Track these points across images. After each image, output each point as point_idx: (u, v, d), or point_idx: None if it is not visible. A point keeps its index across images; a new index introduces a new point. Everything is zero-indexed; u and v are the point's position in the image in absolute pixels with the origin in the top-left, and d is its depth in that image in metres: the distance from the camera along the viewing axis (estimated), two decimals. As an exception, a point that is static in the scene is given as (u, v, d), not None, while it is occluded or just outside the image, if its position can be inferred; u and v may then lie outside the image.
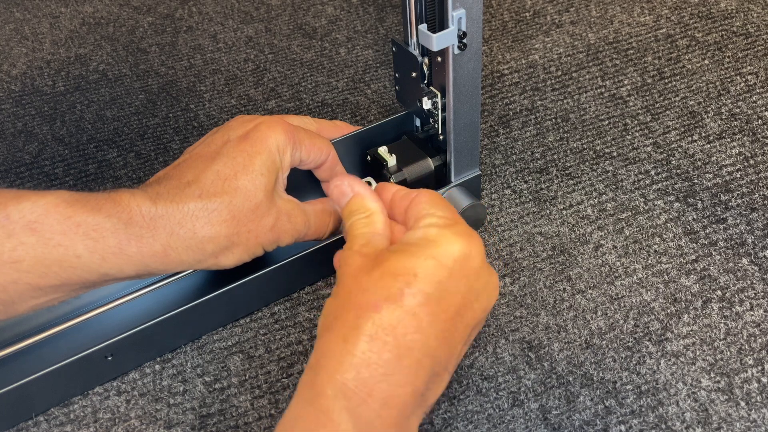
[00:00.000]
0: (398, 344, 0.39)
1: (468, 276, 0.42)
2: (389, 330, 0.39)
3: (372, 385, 0.38)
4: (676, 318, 0.53)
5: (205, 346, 0.54)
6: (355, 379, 0.38)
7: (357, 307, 0.40)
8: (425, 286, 0.40)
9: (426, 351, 0.40)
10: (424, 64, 0.56)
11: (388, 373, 0.38)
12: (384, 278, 0.40)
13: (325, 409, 0.37)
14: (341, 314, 0.40)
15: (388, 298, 0.40)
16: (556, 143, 0.68)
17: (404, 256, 0.41)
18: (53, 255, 0.42)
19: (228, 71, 0.81)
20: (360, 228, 0.46)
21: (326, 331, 0.40)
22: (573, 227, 0.60)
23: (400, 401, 0.39)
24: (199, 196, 0.45)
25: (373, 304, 0.39)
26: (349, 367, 0.38)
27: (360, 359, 0.38)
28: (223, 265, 0.48)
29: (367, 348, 0.38)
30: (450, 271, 0.41)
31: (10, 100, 0.79)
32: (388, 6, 0.89)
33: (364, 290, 0.40)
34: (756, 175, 0.63)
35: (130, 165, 0.70)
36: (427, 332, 0.40)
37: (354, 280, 0.41)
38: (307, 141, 0.51)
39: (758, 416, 0.47)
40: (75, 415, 0.50)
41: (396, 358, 0.39)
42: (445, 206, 0.45)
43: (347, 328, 0.39)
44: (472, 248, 0.42)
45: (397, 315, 0.39)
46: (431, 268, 0.41)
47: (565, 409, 0.48)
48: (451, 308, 0.41)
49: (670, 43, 0.79)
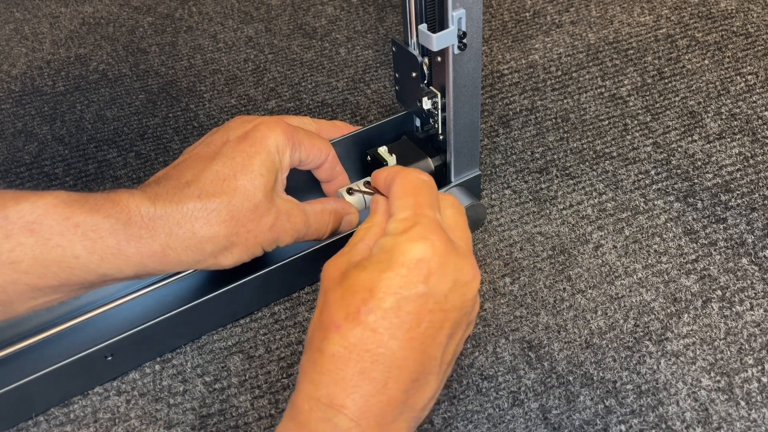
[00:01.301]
0: (361, 359, 0.39)
1: (427, 279, 0.41)
2: (351, 348, 0.40)
3: (343, 398, 0.39)
4: (676, 318, 0.53)
5: (205, 346, 0.54)
6: (327, 395, 0.39)
7: (322, 327, 0.41)
8: (380, 301, 0.40)
9: (393, 362, 0.40)
10: (424, 64, 0.56)
11: (356, 386, 0.39)
12: (345, 296, 0.41)
13: (304, 422, 0.39)
14: (313, 333, 0.41)
15: (347, 316, 0.40)
16: (556, 143, 0.68)
17: (362, 272, 0.41)
18: (52, 255, 0.42)
19: (228, 71, 0.81)
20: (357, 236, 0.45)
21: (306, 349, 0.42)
22: (573, 227, 0.60)
23: (376, 410, 0.39)
24: (198, 196, 0.45)
25: (336, 323, 0.40)
26: (319, 385, 0.39)
27: (328, 378, 0.39)
28: (223, 265, 0.48)
29: (333, 367, 0.39)
30: (405, 279, 0.40)
31: (10, 100, 0.79)
32: (388, 6, 0.89)
33: (329, 308, 0.41)
34: (756, 175, 0.63)
35: (130, 165, 0.70)
36: (389, 344, 0.40)
37: (323, 297, 0.42)
38: (307, 141, 0.51)
39: (758, 416, 0.47)
40: (75, 415, 0.50)
41: (360, 372, 0.39)
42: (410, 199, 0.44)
43: (315, 349, 0.41)
44: (426, 250, 0.41)
45: (357, 333, 0.40)
46: (386, 280, 0.40)
47: (565, 408, 0.48)
48: (411, 316, 0.40)
49: (670, 43, 0.79)
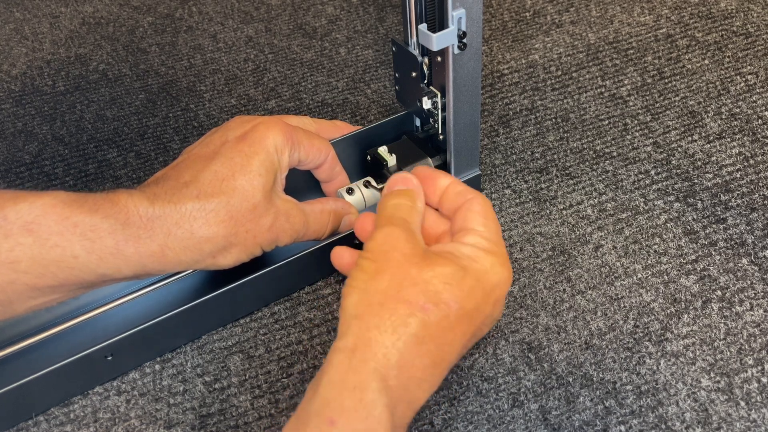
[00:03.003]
0: (437, 353, 0.40)
1: (494, 303, 0.43)
2: (433, 337, 0.40)
3: (408, 386, 0.39)
4: (676, 318, 0.53)
5: (205, 346, 0.54)
6: (397, 377, 0.38)
7: (407, 302, 0.40)
8: (467, 303, 0.41)
9: (449, 362, 0.41)
10: (424, 64, 0.56)
11: (422, 379, 0.39)
12: (434, 282, 0.41)
13: (368, 402, 0.37)
14: (388, 303, 0.40)
15: (438, 304, 0.40)
16: (556, 143, 0.68)
17: (455, 269, 0.42)
18: (50, 255, 0.42)
19: (228, 71, 0.81)
20: (405, 213, 0.45)
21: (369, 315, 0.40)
22: (573, 227, 0.60)
23: (418, 405, 0.40)
24: (196, 196, 0.45)
25: (422, 304, 0.40)
26: (395, 365, 0.38)
27: (406, 360, 0.39)
28: (221, 265, 0.48)
29: (413, 349, 0.39)
30: (486, 296, 0.43)
31: (10, 100, 0.79)
32: (388, 6, 0.89)
33: (414, 284, 0.41)
34: (756, 175, 0.63)
35: (130, 165, 0.70)
36: (455, 346, 0.41)
37: (403, 270, 0.41)
38: (306, 142, 0.51)
39: (758, 416, 0.47)
40: (75, 415, 0.50)
41: (432, 365, 0.40)
42: (494, 225, 0.46)
43: (396, 321, 0.39)
44: (507, 280, 0.44)
45: (442, 324, 0.40)
46: (474, 288, 0.42)
47: (565, 409, 0.48)
48: (473, 328, 0.42)
49: (670, 43, 0.78)
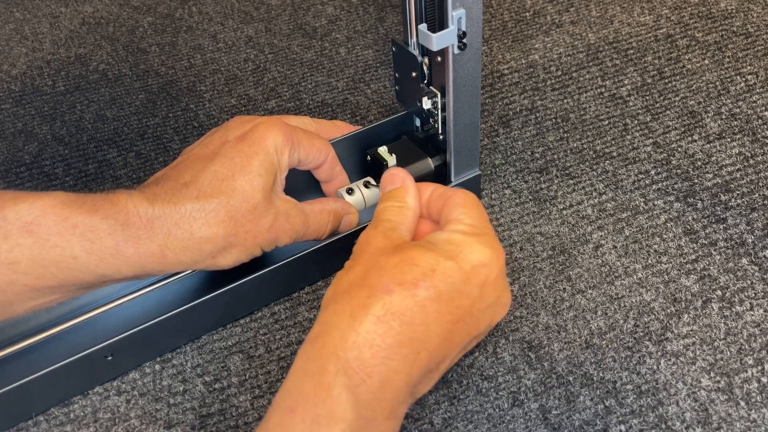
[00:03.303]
0: (402, 331, 0.39)
1: (481, 285, 0.43)
2: (397, 315, 0.40)
3: (371, 366, 0.39)
4: (676, 318, 0.53)
5: (205, 346, 0.54)
6: (357, 358, 0.38)
7: (370, 285, 0.40)
8: (440, 283, 0.41)
9: (425, 345, 0.40)
10: (424, 64, 0.56)
11: (387, 357, 0.39)
12: (402, 265, 0.41)
13: (326, 385, 0.38)
14: (352, 290, 0.41)
15: (402, 284, 0.40)
16: (556, 143, 0.68)
17: (426, 251, 0.42)
18: (50, 256, 0.42)
19: (228, 71, 0.81)
20: (390, 214, 0.47)
21: (333, 303, 0.41)
22: (573, 227, 0.60)
23: (394, 387, 0.39)
24: (196, 196, 0.45)
25: (386, 286, 0.40)
26: (353, 345, 0.39)
27: (364, 339, 0.39)
28: (221, 265, 0.48)
29: (372, 329, 0.39)
30: (466, 276, 0.42)
31: (10, 100, 0.79)
32: (388, 6, 0.89)
33: (380, 270, 0.41)
34: (756, 175, 0.63)
35: (130, 165, 0.70)
36: (431, 328, 0.41)
37: (372, 259, 0.42)
38: (306, 142, 0.51)
39: (758, 416, 0.47)
40: (75, 415, 0.50)
41: (398, 344, 0.39)
42: (477, 211, 0.46)
43: (356, 305, 0.40)
44: (492, 260, 0.43)
45: (407, 303, 0.40)
46: (449, 268, 0.42)
47: (565, 409, 0.48)
48: (458, 311, 0.42)
49: (670, 43, 0.78)
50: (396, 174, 0.49)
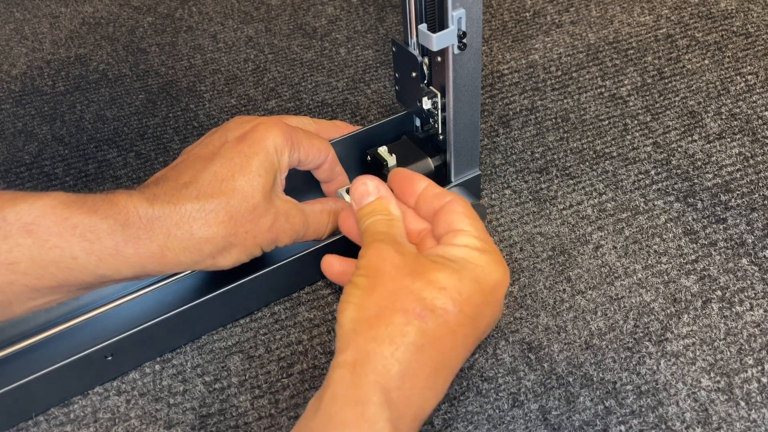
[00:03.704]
0: (438, 360, 0.39)
1: (494, 304, 0.43)
2: (433, 343, 0.39)
3: (410, 397, 0.38)
4: (676, 318, 0.53)
5: (205, 346, 0.54)
6: (399, 389, 0.38)
7: (403, 311, 0.39)
8: (466, 307, 0.41)
9: (453, 369, 0.41)
10: (424, 64, 0.56)
11: (426, 387, 0.39)
12: (429, 289, 0.40)
13: (370, 416, 0.37)
14: (385, 314, 0.40)
15: (434, 310, 0.40)
16: (556, 143, 0.68)
17: (449, 272, 0.41)
18: (50, 256, 0.42)
19: (228, 71, 0.81)
20: (382, 227, 0.45)
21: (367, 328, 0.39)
22: (573, 227, 0.60)
23: (425, 414, 0.39)
24: (196, 197, 0.45)
25: (419, 312, 0.39)
26: (396, 375, 0.38)
27: (406, 369, 0.38)
28: (221, 265, 0.48)
29: (413, 359, 0.38)
30: (485, 297, 0.42)
31: (10, 100, 0.79)
32: (388, 6, 0.89)
33: (409, 293, 0.40)
34: (756, 175, 0.63)
35: (130, 165, 0.70)
36: (459, 350, 0.41)
37: (395, 281, 0.41)
38: (306, 142, 0.51)
39: (758, 416, 0.47)
40: (75, 415, 0.50)
41: (434, 372, 0.39)
42: (479, 221, 0.46)
43: (394, 332, 0.39)
44: (506, 279, 0.44)
45: (442, 330, 0.40)
46: (474, 291, 0.41)
47: (565, 409, 0.48)
48: (478, 331, 0.42)
49: (670, 43, 0.78)
50: (365, 184, 0.47)
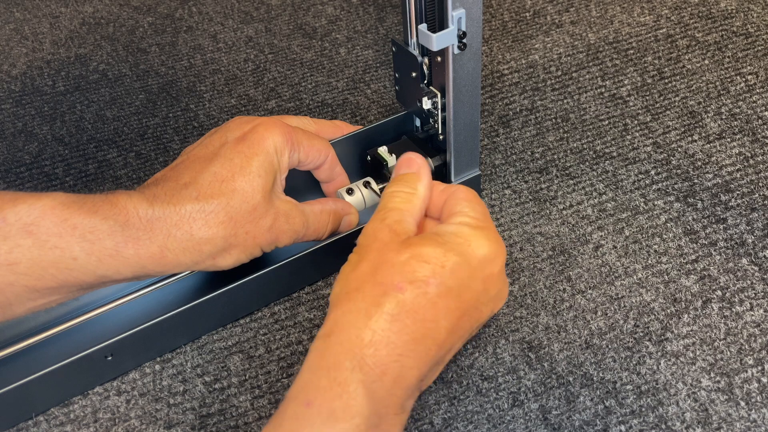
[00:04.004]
0: (416, 329, 0.40)
1: (486, 279, 0.43)
2: (411, 313, 0.40)
3: (387, 363, 0.39)
4: (676, 318, 0.53)
5: (205, 346, 0.54)
6: (374, 355, 0.39)
7: (382, 283, 0.41)
8: (449, 279, 0.42)
9: (436, 340, 0.41)
10: (424, 64, 0.56)
11: (402, 354, 0.40)
12: (412, 261, 0.41)
13: (342, 380, 0.38)
14: (364, 286, 0.41)
15: (414, 281, 0.41)
16: (556, 143, 0.68)
17: (435, 246, 0.42)
18: (49, 257, 0.42)
19: (228, 71, 0.81)
20: (398, 202, 0.46)
21: (345, 300, 0.41)
22: (573, 227, 0.60)
23: (407, 383, 0.40)
24: (196, 197, 0.45)
25: (397, 284, 0.41)
26: (369, 342, 0.39)
27: (380, 336, 0.39)
28: (221, 266, 0.48)
29: (387, 327, 0.40)
30: (473, 270, 0.43)
31: (10, 100, 0.79)
32: (388, 6, 0.89)
33: (390, 267, 0.41)
34: (756, 175, 0.63)
35: (130, 165, 0.70)
36: (440, 323, 0.41)
37: (380, 255, 0.42)
38: (306, 142, 0.51)
39: (758, 416, 0.47)
40: (75, 415, 0.50)
41: (412, 341, 0.40)
42: (480, 206, 0.46)
43: (370, 302, 0.40)
44: (497, 254, 0.44)
45: (420, 301, 0.40)
46: (458, 264, 0.42)
47: (565, 409, 0.48)
48: (464, 305, 0.42)
49: (670, 43, 0.78)
50: (414, 159, 0.49)
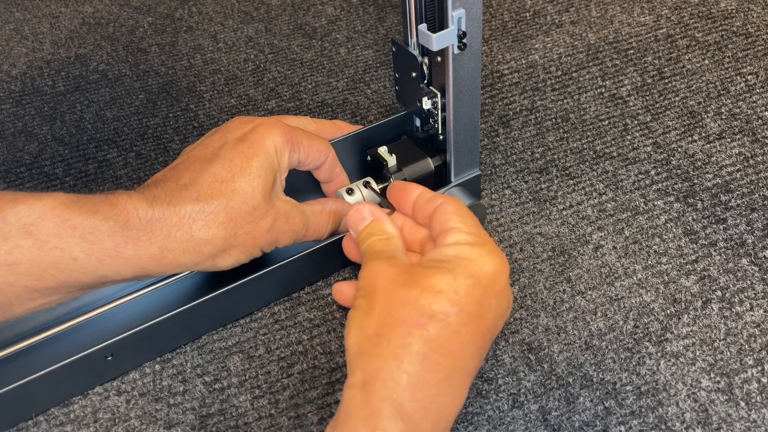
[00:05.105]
0: (447, 364, 0.39)
1: (497, 295, 0.42)
2: (438, 349, 0.39)
3: (426, 406, 0.38)
4: (676, 318, 0.53)
5: (205, 346, 0.54)
6: (412, 400, 0.38)
7: (402, 323, 0.39)
8: (467, 304, 0.40)
9: (467, 370, 0.40)
10: (424, 64, 0.56)
11: (440, 394, 0.39)
12: (425, 295, 0.40)
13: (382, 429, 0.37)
14: (385, 331, 0.40)
15: (433, 315, 0.40)
16: (556, 143, 0.68)
17: (442, 274, 0.41)
18: (49, 257, 0.42)
19: (228, 71, 0.81)
20: (379, 246, 0.46)
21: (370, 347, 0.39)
22: (573, 228, 0.60)
23: (447, 421, 0.39)
24: (196, 198, 0.45)
25: (417, 321, 0.39)
26: (406, 387, 0.38)
27: (416, 380, 0.38)
28: (221, 266, 0.48)
29: (420, 368, 0.38)
30: (485, 289, 0.42)
31: (10, 100, 0.79)
32: (388, 6, 0.89)
33: (405, 304, 0.40)
34: (756, 175, 0.63)
35: (130, 165, 0.70)
36: (468, 350, 0.40)
37: (390, 293, 0.41)
38: (306, 143, 0.51)
39: (758, 416, 0.47)
40: (75, 415, 0.50)
41: (446, 378, 0.39)
42: (471, 218, 0.45)
43: (397, 346, 0.39)
44: (502, 268, 0.43)
45: (445, 333, 0.39)
46: (470, 287, 0.41)
47: (565, 410, 0.48)
48: (485, 326, 0.42)
49: (670, 43, 0.78)
50: (360, 211, 0.48)
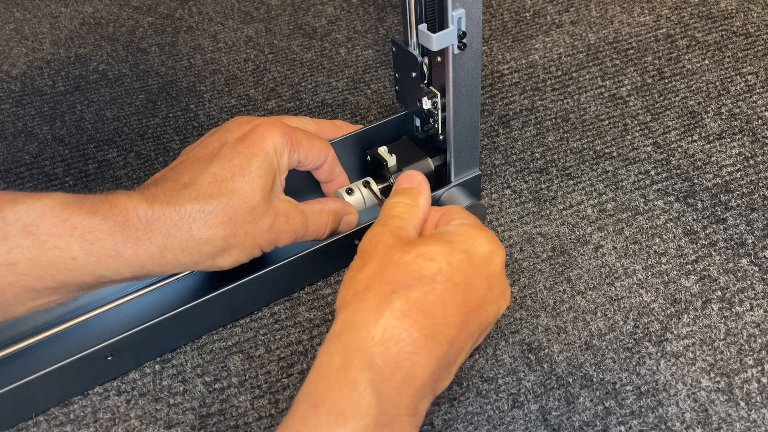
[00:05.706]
0: (426, 324, 0.40)
1: (489, 278, 0.44)
2: (420, 309, 0.40)
3: (397, 361, 0.39)
4: (676, 318, 0.53)
5: (205, 346, 0.54)
6: (383, 353, 0.39)
7: (390, 281, 0.41)
8: (456, 275, 0.42)
9: (446, 336, 0.41)
10: (424, 64, 0.56)
11: (413, 352, 0.39)
12: (418, 260, 0.42)
13: (351, 380, 0.38)
14: (372, 285, 0.41)
15: (422, 278, 0.41)
16: (556, 143, 0.68)
17: (441, 244, 0.43)
18: (49, 257, 0.42)
19: (228, 71, 0.81)
20: (400, 211, 0.47)
21: (354, 301, 0.41)
22: (573, 228, 0.60)
23: (418, 382, 0.40)
24: (195, 198, 0.45)
25: (406, 281, 0.41)
26: (379, 340, 0.39)
27: (390, 334, 0.39)
28: (220, 266, 0.48)
29: (398, 324, 0.39)
30: (476, 267, 0.43)
31: (10, 100, 0.79)
32: (388, 6, 0.89)
33: (397, 267, 0.41)
34: (756, 175, 0.63)
35: (130, 165, 0.70)
36: (450, 320, 0.41)
37: (386, 256, 0.42)
38: (306, 143, 0.51)
39: (758, 416, 0.47)
40: (75, 415, 0.50)
41: (422, 338, 0.40)
42: (473, 217, 0.47)
43: (379, 301, 0.40)
44: (497, 252, 0.44)
45: (429, 297, 0.41)
46: (463, 261, 0.42)
47: (565, 410, 0.48)
48: (472, 303, 0.42)
49: (670, 43, 0.78)
50: (415, 176, 0.49)
